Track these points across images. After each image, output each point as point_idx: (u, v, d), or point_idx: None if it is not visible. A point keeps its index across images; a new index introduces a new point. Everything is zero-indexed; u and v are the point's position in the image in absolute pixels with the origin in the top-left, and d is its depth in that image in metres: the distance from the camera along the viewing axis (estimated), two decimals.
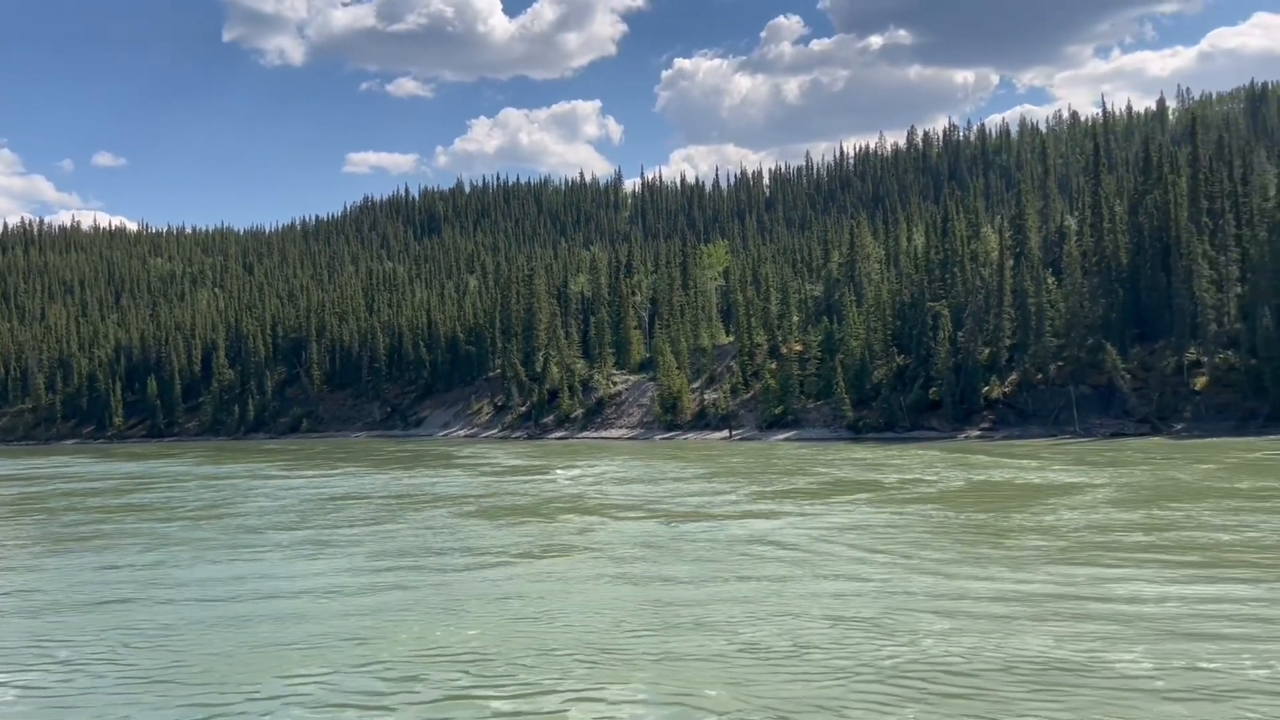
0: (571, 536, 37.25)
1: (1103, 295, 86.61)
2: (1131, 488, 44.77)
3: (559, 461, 77.78)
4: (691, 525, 38.74)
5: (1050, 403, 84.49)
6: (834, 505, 43.38)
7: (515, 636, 22.32)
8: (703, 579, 27.95)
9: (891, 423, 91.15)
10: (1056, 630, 21.05)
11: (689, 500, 47.49)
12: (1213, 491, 41.92)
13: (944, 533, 34.73)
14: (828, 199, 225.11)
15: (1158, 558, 28.47)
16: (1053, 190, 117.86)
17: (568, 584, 28.32)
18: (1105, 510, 38.07)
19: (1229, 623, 21.22)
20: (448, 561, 32.45)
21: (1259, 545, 29.70)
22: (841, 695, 17.70)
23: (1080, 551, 29.92)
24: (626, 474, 64.10)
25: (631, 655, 20.61)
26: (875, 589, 25.85)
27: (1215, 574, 26.05)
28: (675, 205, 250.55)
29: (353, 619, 24.56)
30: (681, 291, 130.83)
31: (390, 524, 42.30)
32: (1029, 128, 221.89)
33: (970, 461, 62.11)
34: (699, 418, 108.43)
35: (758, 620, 22.93)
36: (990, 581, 26.18)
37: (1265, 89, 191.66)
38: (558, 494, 53.31)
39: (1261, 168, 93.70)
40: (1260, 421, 71.79)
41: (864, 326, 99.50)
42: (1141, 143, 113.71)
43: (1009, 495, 44.93)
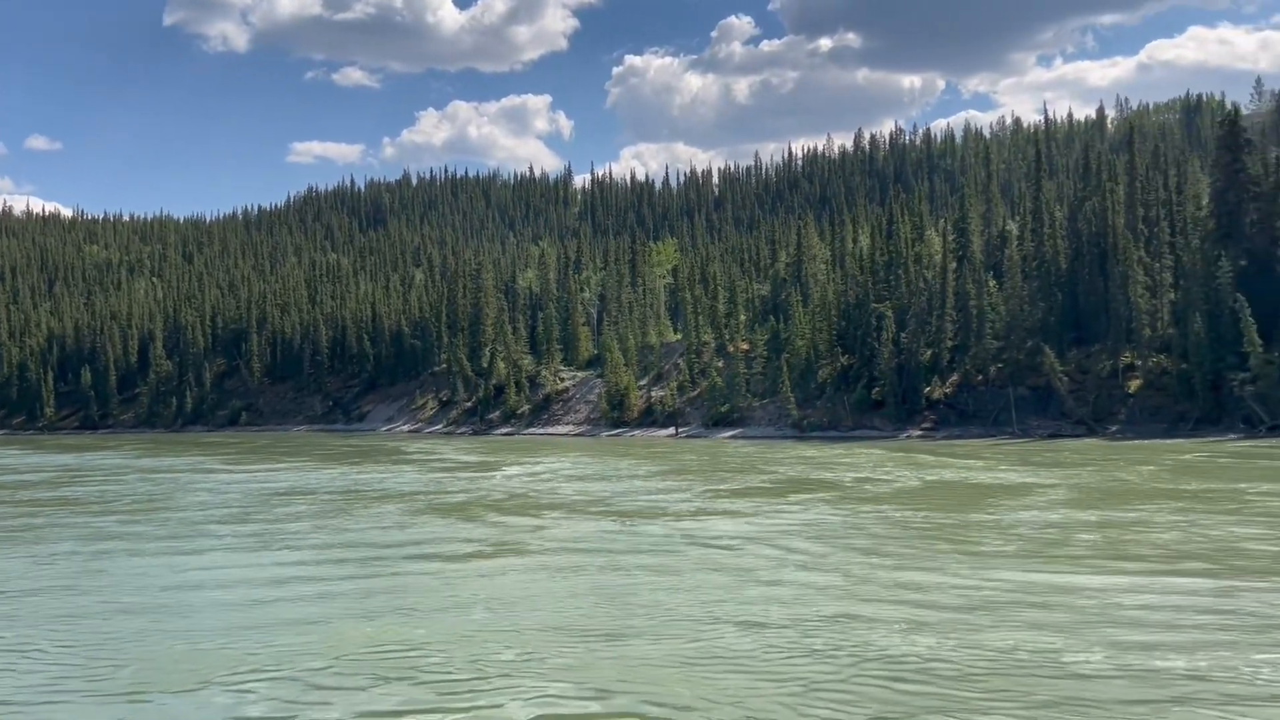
0: (525, 534, 36.93)
1: (1042, 299, 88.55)
2: (1082, 488, 45.42)
3: (510, 458, 77.44)
4: (648, 523, 38.59)
5: (990, 404, 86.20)
6: (790, 504, 43.46)
7: (468, 635, 22.09)
8: (661, 578, 27.80)
9: (835, 422, 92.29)
10: (1018, 629, 21.20)
11: (644, 498, 47.37)
12: (1161, 493, 42.60)
13: (903, 532, 34.93)
14: (776, 199, 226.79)
15: (1115, 557, 28.82)
16: (995, 195, 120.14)
17: (522, 582, 28.04)
18: (1060, 510, 38.46)
19: (1186, 621, 21.53)
20: (398, 559, 32.02)
21: (1213, 545, 30.18)
22: (803, 694, 17.70)
23: (1039, 551, 30.22)
24: (579, 471, 63.95)
25: (588, 655, 20.48)
26: (836, 587, 25.87)
27: (1171, 573, 26.42)
28: (625, 202, 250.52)
29: (298, 617, 24.18)
30: (630, 289, 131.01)
31: (338, 520, 41.73)
32: (973, 133, 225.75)
33: (919, 461, 62.96)
34: (646, 415, 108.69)
35: (718, 620, 22.77)
36: (951, 580, 26.32)
37: (1200, 101, 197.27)
38: (510, 491, 52.92)
39: (1195, 177, 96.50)
40: (1190, 424, 73.97)
41: (810, 326, 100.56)
42: (1081, 150, 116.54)
43: (963, 495, 45.38)
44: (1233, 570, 26.61)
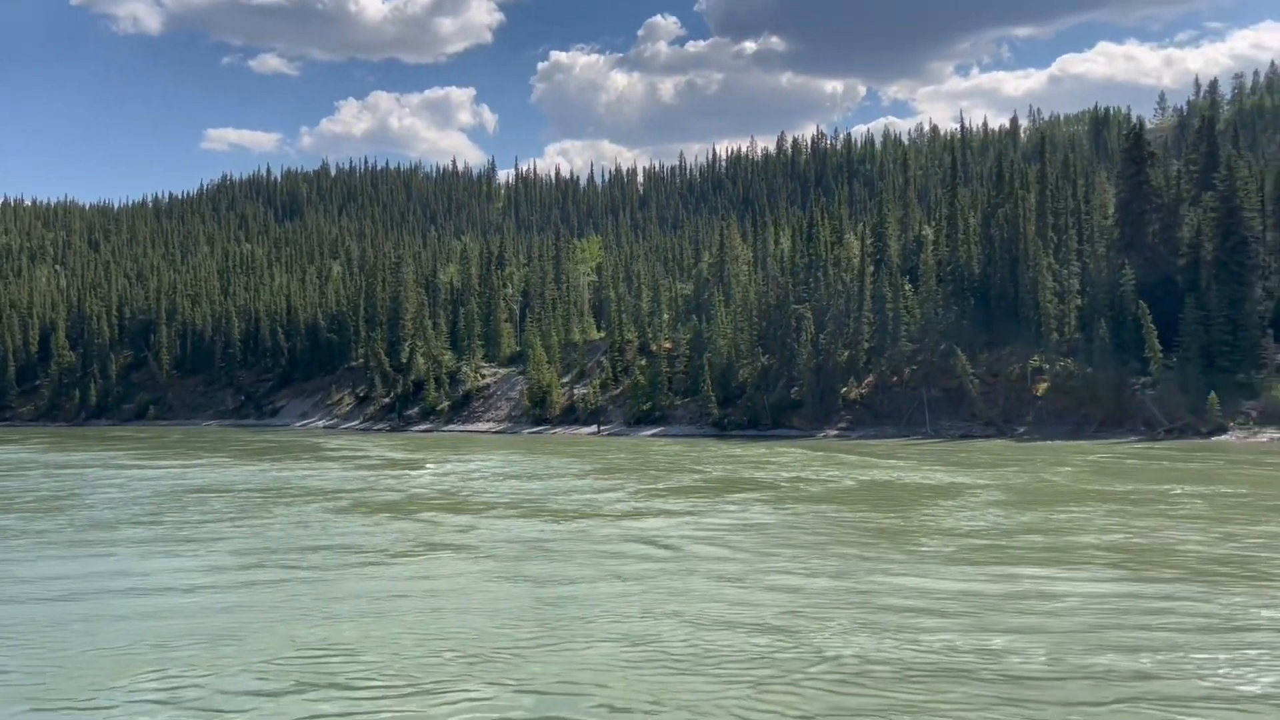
0: (454, 534, 36.39)
1: (955, 303, 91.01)
2: (1013, 489, 46.26)
3: (436, 455, 76.55)
4: (581, 524, 38.28)
5: (904, 404, 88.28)
6: (728, 504, 43.38)
7: (395, 639, 21.57)
8: (595, 580, 27.46)
9: (755, 421, 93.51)
10: (963, 630, 21.38)
11: (578, 497, 47.03)
12: (1090, 495, 43.45)
13: (844, 532, 35.10)
14: (700, 199, 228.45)
15: (1057, 558, 29.30)
16: (912, 201, 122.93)
17: (451, 584, 27.50)
18: (996, 511, 39.00)
19: (1129, 622, 21.99)
20: (321, 559, 31.33)
21: (1151, 546, 30.97)
22: (743, 695, 17.68)
23: (981, 552, 30.56)
24: (509, 469, 63.41)
25: (524, 658, 20.10)
26: (780, 589, 25.76)
27: (1113, 574, 26.99)
28: (549, 198, 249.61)
29: (213, 619, 23.54)
30: (554, 285, 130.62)
31: (257, 519, 40.75)
32: (892, 139, 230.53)
33: (845, 460, 63.89)
34: (568, 412, 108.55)
35: (660, 621, 22.51)
36: (895, 581, 26.48)
37: (1108, 114, 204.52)
38: (439, 489, 52.22)
39: (1102, 188, 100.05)
40: (1094, 427, 76.85)
41: (732, 326, 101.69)
42: (995, 159, 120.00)
43: (899, 495, 45.85)
44: (1172, 571, 27.21)
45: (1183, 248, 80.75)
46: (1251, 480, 47.42)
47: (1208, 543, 31.11)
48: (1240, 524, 34.37)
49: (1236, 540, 31.39)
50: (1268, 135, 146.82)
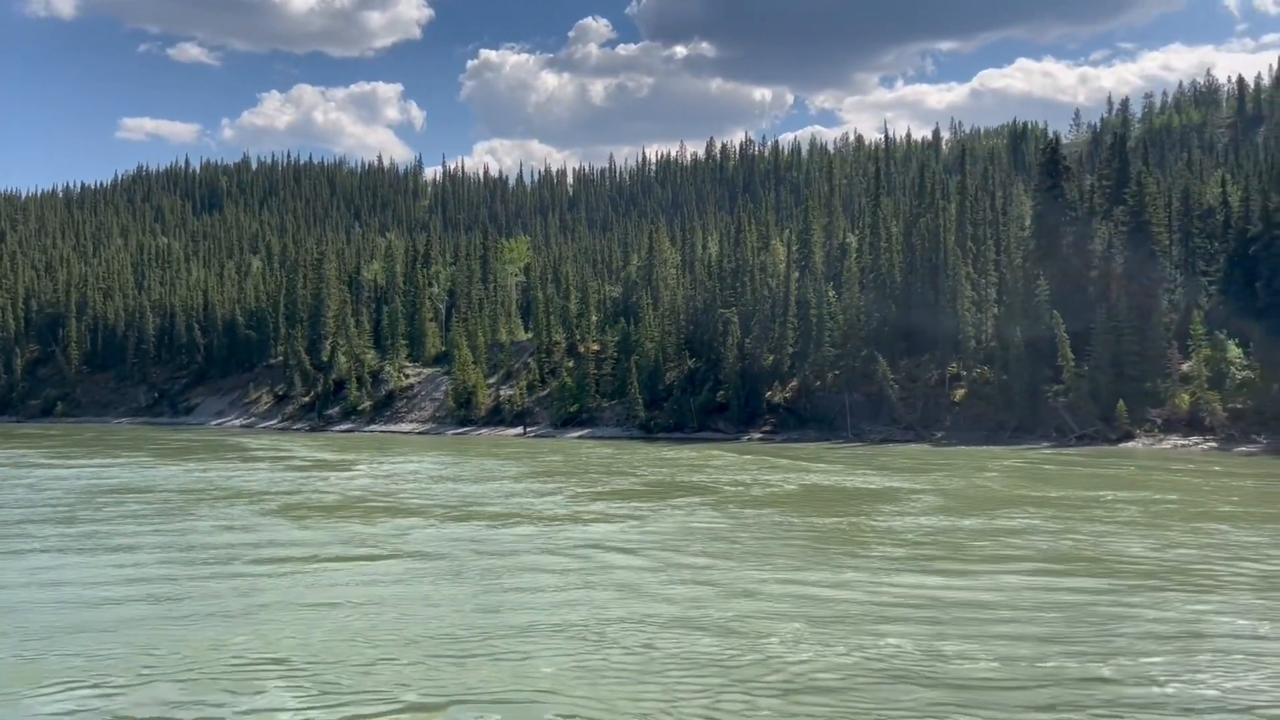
0: (390, 537, 35.45)
1: (877, 310, 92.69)
2: (950, 494, 46.77)
3: (364, 455, 75.15)
4: (523, 527, 37.62)
5: (827, 408, 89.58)
6: (669, 508, 43.03)
7: (328, 646, 20.82)
8: (540, 586, 26.87)
9: (681, 423, 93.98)
10: (912, 635, 21.48)
11: (515, 501, 46.28)
12: (1025, 499, 44.17)
13: (789, 537, 35.08)
14: (629, 202, 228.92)
15: (1003, 562, 29.68)
16: (837, 208, 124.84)
17: (388, 589, 26.69)
18: (938, 516, 39.28)
19: (1080, 625, 22.29)
20: (249, 563, 30.27)
21: (1093, 550, 31.53)
22: (697, 702, 17.54)
23: (927, 557, 30.76)
24: (443, 471, 62.37)
25: (461, 666, 19.53)
26: (726, 594, 25.56)
27: (1058, 577, 27.41)
28: (477, 197, 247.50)
29: (135, 626, 22.54)
30: (481, 285, 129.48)
31: (180, 521, 39.25)
32: (818, 147, 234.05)
33: (780, 464, 64.13)
34: (494, 414, 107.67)
35: (605, 628, 22.12)
36: (844, 586, 26.49)
37: (1026, 128, 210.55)
38: (370, 490, 51.02)
39: (1019, 200, 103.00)
40: (1009, 433, 78.90)
41: (659, 329, 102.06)
42: (918, 169, 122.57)
43: (840, 500, 46.00)
44: (1115, 574, 27.69)
45: (1095, 260, 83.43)
46: (1177, 487, 48.56)
47: (1153, 549, 31.62)
48: (1179, 531, 35.00)
49: (1180, 547, 31.90)
50: (1175, 153, 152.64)
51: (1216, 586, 26.28)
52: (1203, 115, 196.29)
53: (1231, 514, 39.07)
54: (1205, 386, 71.82)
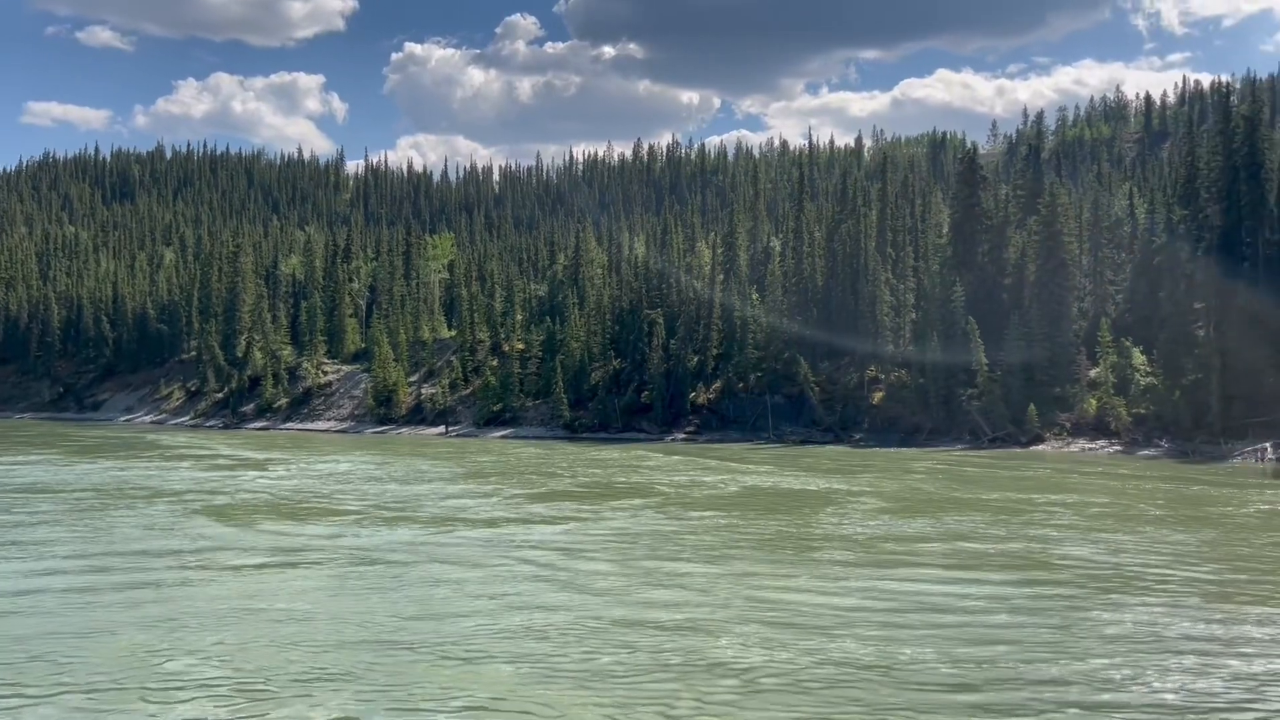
0: (322, 540, 34.46)
1: (799, 313, 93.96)
2: (888, 496, 47.30)
3: (288, 455, 73.40)
4: (463, 530, 36.87)
5: (749, 410, 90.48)
6: (610, 510, 42.69)
7: (254, 654, 20.04)
8: (483, 589, 26.28)
9: (606, 423, 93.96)
10: (865, 635, 21.59)
11: (451, 502, 45.39)
12: (964, 503, 44.87)
13: (735, 539, 35.08)
14: (556, 201, 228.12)
15: (953, 564, 30.08)
16: (762, 212, 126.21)
17: (322, 594, 25.85)
18: (884, 518, 39.64)
19: (1028, 625, 22.67)
20: (171, 566, 29.04)
21: (1041, 551, 32.22)
22: (644, 703, 17.38)
23: (876, 558, 31.04)
24: (373, 471, 61.03)
25: (399, 677, 18.86)
26: (674, 600, 25.37)
27: (1010, 580, 27.86)
28: (401, 192, 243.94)
29: (47, 635, 21.44)
30: (403, 281, 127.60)
31: (95, 522, 37.70)
32: (744, 152, 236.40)
33: (712, 465, 64.25)
34: (415, 412, 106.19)
35: (550, 634, 21.78)
36: (792, 588, 26.55)
37: (945, 138, 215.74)
38: (300, 491, 49.72)
39: (938, 208, 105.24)
40: (924, 435, 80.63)
41: (585, 329, 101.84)
42: (840, 176, 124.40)
43: (780, 502, 46.17)
44: (1066, 577, 28.19)
45: (1009, 268, 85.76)
46: (1103, 491, 49.64)
47: (1098, 552, 32.20)
48: (1118, 534, 35.73)
49: (1124, 551, 32.51)
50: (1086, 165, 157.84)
51: (1164, 590, 26.91)
52: (1112, 130, 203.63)
53: (1162, 518, 40.25)
54: (1111, 392, 74.34)
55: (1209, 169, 76.60)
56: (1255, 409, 67.08)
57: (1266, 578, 28.74)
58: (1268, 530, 37.16)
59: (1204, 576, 28.80)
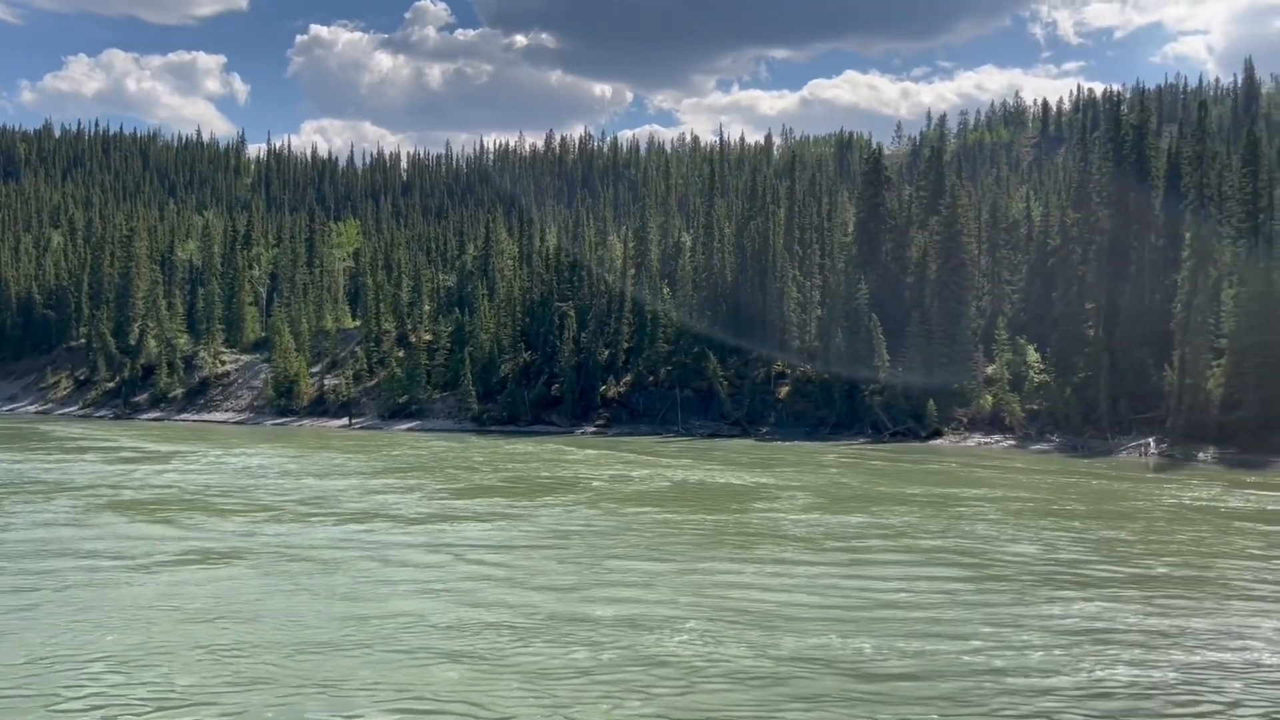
0: (239, 536, 33.21)
1: (709, 308, 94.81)
2: (818, 490, 47.78)
3: (194, 447, 70.83)
4: (389, 526, 35.96)
5: (659, 403, 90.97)
6: (538, 505, 42.13)
7: (178, 657, 19.14)
8: (414, 589, 25.60)
9: (515, 416, 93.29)
10: (806, 628, 21.72)
11: (373, 498, 44.16)
12: (890, 497, 45.58)
13: (673, 534, 35.02)
14: (465, 190, 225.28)
15: (892, 559, 30.51)
16: (673, 208, 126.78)
17: (243, 594, 24.88)
18: (819, 513, 40.02)
19: (974, 619, 23.06)
20: (72, 566, 27.62)
21: (978, 546, 32.86)
22: (592, 703, 17.22)
23: (817, 553, 31.25)
24: (287, 464, 59.21)
25: (342, 675, 18.25)
26: (615, 593, 25.20)
27: (945, 572, 28.35)
28: (304, 178, 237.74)
29: None
30: (306, 269, 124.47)
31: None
32: (656, 147, 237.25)
33: (636, 459, 63.95)
34: (317, 404, 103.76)
35: (492, 633, 21.29)
36: (737, 584, 26.56)
37: (852, 138, 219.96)
38: (209, 486, 47.90)
39: (844, 207, 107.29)
40: (828, 429, 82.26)
41: (494, 321, 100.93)
42: (750, 173, 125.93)
43: (712, 496, 46.19)
44: (1004, 571, 28.80)
45: (911, 267, 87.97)
46: (1021, 485, 51.12)
47: (1032, 546, 33.09)
48: (1046, 529, 36.71)
49: (1058, 546, 33.42)
50: (985, 168, 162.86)
51: (1101, 583, 27.72)
52: (1011, 134, 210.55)
53: (1083, 512, 41.54)
54: (1006, 389, 76.91)
55: (1100, 174, 79.78)
56: (1140, 406, 70.23)
57: (1197, 571, 29.80)
58: (1183, 523, 38.60)
59: (1134, 571, 29.68)
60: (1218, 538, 35.30)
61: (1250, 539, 35.19)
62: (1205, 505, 43.46)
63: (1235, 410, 63.74)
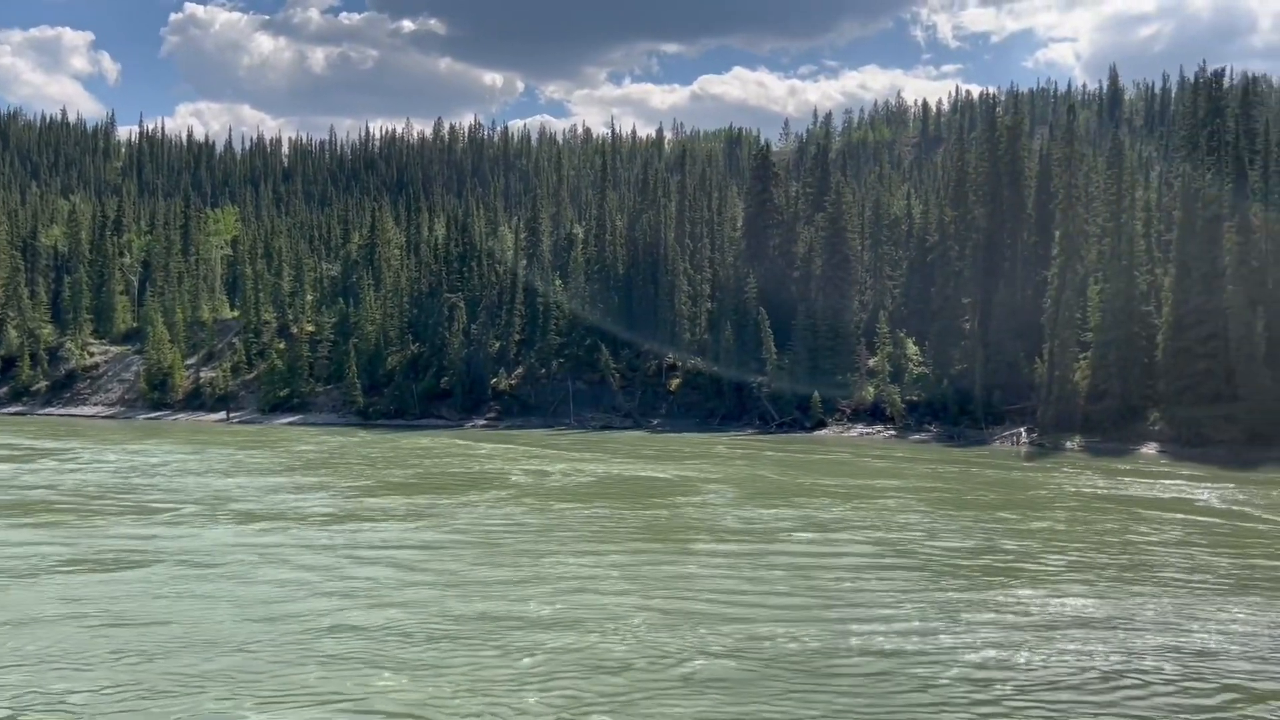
0: (138, 539, 31.54)
1: (601, 300, 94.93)
2: (741, 484, 48.15)
3: (68, 443, 67.12)
4: (300, 527, 34.72)
5: (551, 396, 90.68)
6: (455, 502, 41.25)
7: (85, 664, 18.26)
8: (331, 592, 24.68)
9: (402, 410, 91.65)
10: (750, 624, 21.90)
11: (280, 497, 42.48)
12: (812, 489, 46.19)
13: (606, 531, 34.86)
14: (350, 178, 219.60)
15: (831, 553, 30.89)
16: (565, 199, 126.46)
17: (151, 599, 23.72)
18: (749, 507, 40.42)
19: (926, 612, 23.52)
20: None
21: (918, 540, 33.53)
22: (509, 701, 17.10)
23: (753, 547, 31.66)
24: (184, 462, 56.43)
25: (260, 681, 17.63)
26: (547, 589, 24.97)
27: (900, 568, 28.86)
28: (180, 162, 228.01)
29: None
30: (181, 257, 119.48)
31: None
32: (548, 137, 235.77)
33: (546, 454, 63.43)
34: (193, 397, 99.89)
35: (423, 631, 20.86)
36: (668, 577, 26.69)
37: (741, 134, 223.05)
38: (88, 485, 45.41)
39: (733, 202, 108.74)
40: (718, 420, 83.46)
41: (381, 312, 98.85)
42: (642, 166, 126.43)
43: (637, 490, 46.11)
44: (948, 565, 29.39)
45: (797, 261, 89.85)
46: (935, 476, 52.40)
47: (970, 540, 33.89)
48: (973, 521, 37.69)
49: (992, 538, 34.28)
50: (869, 166, 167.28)
51: (1038, 572, 28.66)
52: (893, 133, 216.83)
53: (1000, 503, 42.82)
54: (887, 380, 79.36)
55: (976, 174, 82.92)
56: (1012, 397, 73.40)
57: (1131, 558, 30.96)
58: (1091, 511, 40.17)
59: (1068, 562, 30.58)
60: (1134, 525, 36.78)
61: (1168, 527, 36.57)
62: (1109, 494, 45.28)
63: (1100, 401, 67.23)
